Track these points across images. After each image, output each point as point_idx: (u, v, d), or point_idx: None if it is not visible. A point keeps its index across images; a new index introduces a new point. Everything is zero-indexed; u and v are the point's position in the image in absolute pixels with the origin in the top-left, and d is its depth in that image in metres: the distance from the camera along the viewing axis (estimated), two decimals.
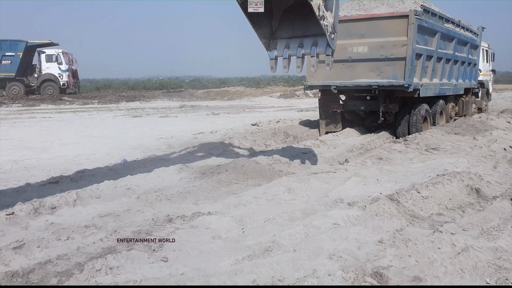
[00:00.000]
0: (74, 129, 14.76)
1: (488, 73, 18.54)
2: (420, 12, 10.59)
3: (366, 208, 5.16)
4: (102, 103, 28.56)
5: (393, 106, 11.33)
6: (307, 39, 6.65)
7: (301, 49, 6.67)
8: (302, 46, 6.68)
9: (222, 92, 37.98)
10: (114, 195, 6.14)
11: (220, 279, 3.53)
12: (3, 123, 16.88)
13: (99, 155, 9.70)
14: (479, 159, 8.52)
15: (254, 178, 6.96)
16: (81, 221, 5.04)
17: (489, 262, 3.71)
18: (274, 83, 48.22)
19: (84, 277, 3.60)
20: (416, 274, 3.55)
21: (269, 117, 17.21)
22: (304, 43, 6.66)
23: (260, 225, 4.92)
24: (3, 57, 31.97)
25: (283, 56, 6.76)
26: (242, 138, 11.70)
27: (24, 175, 7.74)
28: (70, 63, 34.12)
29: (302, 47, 6.67)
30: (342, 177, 7.16)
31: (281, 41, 6.84)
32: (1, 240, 4.46)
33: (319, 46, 6.56)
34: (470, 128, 12.02)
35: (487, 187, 6.11)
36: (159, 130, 13.97)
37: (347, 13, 11.23)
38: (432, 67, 11.81)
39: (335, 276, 3.51)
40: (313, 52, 6.62)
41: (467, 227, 4.73)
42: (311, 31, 6.57)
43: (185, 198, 6.01)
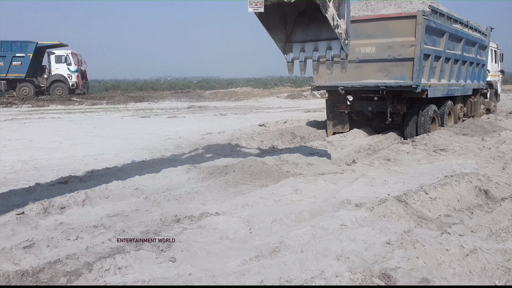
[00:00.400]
0: (83, 130, 14.86)
1: (497, 74, 18.43)
2: (428, 13, 10.55)
3: (374, 209, 5.16)
4: (111, 103, 28.72)
5: (401, 106, 11.29)
6: (322, 43, 6.95)
7: (316, 52, 6.97)
8: (317, 50, 6.97)
9: (229, 92, 38.04)
10: (122, 195, 6.18)
11: (227, 280, 3.54)
12: (13, 123, 17.03)
13: (107, 155, 9.76)
14: (488, 160, 8.48)
15: (262, 178, 6.97)
16: (90, 221, 5.08)
17: (498, 264, 3.69)
18: (281, 84, 48.20)
19: (93, 277, 3.63)
20: (424, 276, 3.54)
21: (276, 118, 17.22)
22: (319, 47, 6.96)
23: (267, 226, 4.93)
24: (13, 58, 32.29)
25: (300, 59, 7.08)
26: (249, 139, 11.72)
27: (34, 175, 7.81)
28: (79, 64, 34.38)
29: (317, 51, 6.97)
30: (350, 178, 7.15)
31: (296, 45, 7.12)
32: (11, 240, 4.51)
33: (333, 49, 6.86)
34: (479, 129, 11.95)
35: (495, 189, 6.07)
36: (167, 131, 14.03)
37: (355, 13, 11.20)
38: (440, 67, 11.77)
39: (343, 277, 3.51)
40: (328, 55, 6.91)
41: (476, 228, 4.71)
42: (324, 35, 6.88)
43: (193, 199, 6.03)
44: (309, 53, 7.03)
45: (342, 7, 6.79)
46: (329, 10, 6.42)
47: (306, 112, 20.59)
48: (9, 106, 26.06)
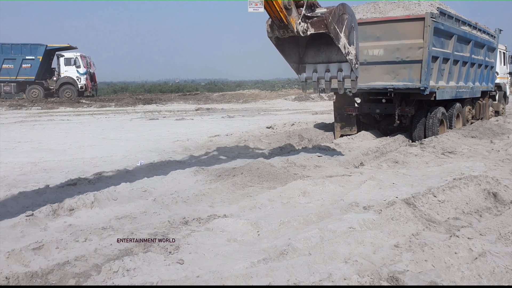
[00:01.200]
0: (92, 132, 14.95)
1: (506, 76, 18.32)
2: (437, 15, 10.51)
3: (382, 212, 5.14)
4: (119, 105, 28.86)
5: (409, 109, 11.25)
6: (333, 65, 7.46)
7: (328, 73, 7.49)
8: (329, 71, 7.49)
9: (237, 95, 38.08)
10: (131, 197, 6.21)
11: (235, 282, 3.55)
12: (22, 125, 17.17)
13: (116, 157, 9.81)
14: (496, 163, 8.42)
15: (269, 181, 6.98)
16: (99, 223, 5.12)
17: (507, 268, 3.67)
18: (288, 86, 48.18)
19: (101, 279, 3.66)
20: (433, 279, 3.53)
21: (283, 120, 17.22)
22: (331, 68, 7.48)
23: (275, 228, 4.93)
24: (23, 61, 32.62)
25: (313, 79, 7.62)
26: (257, 141, 11.72)
27: (43, 176, 7.87)
28: (88, 66, 34.61)
29: (329, 72, 7.49)
30: (358, 180, 7.14)
31: (309, 66, 7.64)
32: (21, 241, 4.55)
33: (344, 71, 7.37)
34: (487, 131, 11.88)
35: (504, 191, 6.03)
36: (175, 133, 14.08)
37: (363, 15, 11.20)
38: (449, 70, 11.71)
39: (351, 280, 3.51)
40: (340, 76, 7.42)
41: (484, 231, 4.68)
42: (335, 58, 7.39)
43: (200, 201, 6.05)
44: (321, 74, 7.53)
45: (351, 35, 7.21)
46: (341, 41, 6.95)
47: (314, 114, 20.57)
48: (18, 108, 26.27)
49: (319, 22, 6.69)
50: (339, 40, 6.88)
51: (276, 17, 6.58)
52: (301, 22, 6.70)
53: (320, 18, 6.68)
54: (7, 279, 3.61)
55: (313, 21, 6.74)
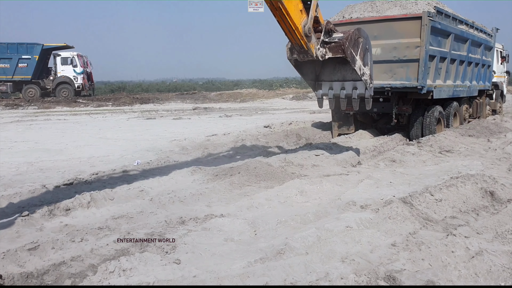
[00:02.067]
0: (89, 131, 14.92)
1: (503, 75, 18.35)
2: (434, 14, 10.51)
3: (379, 211, 5.14)
4: (116, 105, 28.82)
5: (406, 108, 11.25)
6: (348, 83, 7.78)
7: (344, 91, 7.81)
8: (344, 89, 7.81)
9: (235, 94, 38.07)
10: (127, 197, 6.19)
11: (232, 282, 3.53)
12: (19, 125, 17.12)
13: (113, 157, 9.78)
14: (494, 161, 8.43)
15: (267, 180, 6.97)
16: (95, 223, 5.10)
17: (503, 266, 3.67)
18: (286, 85, 48.20)
19: (97, 279, 3.64)
20: (430, 278, 3.52)
21: (281, 119, 17.22)
22: (346, 86, 7.80)
23: (272, 228, 4.93)
24: (19, 60, 32.53)
25: (329, 96, 7.96)
26: (254, 140, 11.71)
27: (39, 176, 7.84)
28: (85, 65, 34.56)
29: (344, 89, 7.81)
30: (355, 179, 7.13)
31: (325, 83, 7.97)
32: (16, 241, 4.53)
33: (359, 89, 7.69)
34: (484, 130, 11.90)
35: (501, 190, 6.04)
36: (172, 132, 14.06)
37: (360, 14, 11.19)
38: (446, 68, 11.71)
39: (348, 280, 3.50)
40: (355, 94, 7.76)
41: (481, 230, 4.68)
42: (350, 77, 7.70)
43: (197, 200, 6.03)
44: (337, 91, 7.87)
45: (366, 56, 7.55)
46: (357, 63, 7.31)
47: (312, 114, 20.57)
48: (15, 108, 26.20)
49: (337, 47, 7.08)
50: (355, 63, 7.26)
51: (297, 44, 6.96)
52: (320, 48, 7.09)
53: (338, 44, 7.05)
54: (2, 279, 3.58)
55: (331, 46, 7.13)
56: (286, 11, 6.47)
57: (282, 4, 6.36)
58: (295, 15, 6.62)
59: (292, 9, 6.55)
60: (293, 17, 6.59)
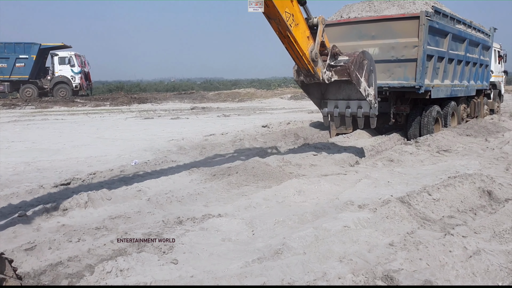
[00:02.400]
0: (86, 131, 14.89)
1: (500, 74, 18.37)
2: (431, 13, 10.51)
3: (377, 210, 5.13)
4: (114, 105, 28.75)
5: (404, 107, 11.26)
6: (353, 102, 8.06)
7: (349, 109, 8.14)
8: (349, 107, 8.12)
9: (233, 93, 38.03)
10: (125, 197, 6.18)
11: (229, 282, 3.53)
12: (16, 125, 17.07)
13: (110, 157, 9.76)
14: (491, 161, 8.44)
15: (264, 180, 6.96)
16: (92, 223, 5.09)
17: (501, 266, 3.67)
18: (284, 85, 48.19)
19: (94, 279, 3.63)
20: (427, 278, 3.52)
21: (279, 119, 17.20)
22: (351, 105, 8.11)
23: (270, 228, 4.92)
24: (17, 60, 32.43)
25: (334, 114, 8.29)
26: (252, 140, 11.71)
27: (37, 176, 7.82)
28: (83, 65, 34.49)
29: (349, 108, 8.13)
30: (353, 179, 7.13)
31: (330, 102, 8.27)
32: (13, 242, 4.51)
33: (364, 108, 8.00)
34: (482, 129, 11.91)
35: (499, 189, 6.04)
36: (170, 132, 14.03)
37: (358, 14, 11.19)
38: (443, 68, 11.72)
39: (345, 279, 3.50)
40: (359, 113, 8.09)
41: (479, 230, 4.68)
42: (355, 96, 7.95)
43: (195, 200, 6.02)
44: (342, 109, 8.18)
45: (370, 77, 7.84)
46: (361, 85, 7.61)
47: (310, 113, 20.55)
48: (12, 107, 26.13)
49: (342, 71, 7.36)
50: (360, 85, 7.55)
51: (304, 68, 7.27)
52: (326, 71, 7.39)
53: (343, 67, 7.33)
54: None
55: (337, 69, 7.41)
56: (294, 39, 6.73)
57: (290, 33, 6.62)
58: (302, 42, 6.89)
59: (299, 36, 6.82)
60: (301, 44, 6.86)
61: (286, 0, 6.45)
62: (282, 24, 6.53)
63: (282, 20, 6.43)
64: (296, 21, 6.70)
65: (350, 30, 11.01)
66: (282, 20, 6.43)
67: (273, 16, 6.44)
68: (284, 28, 6.60)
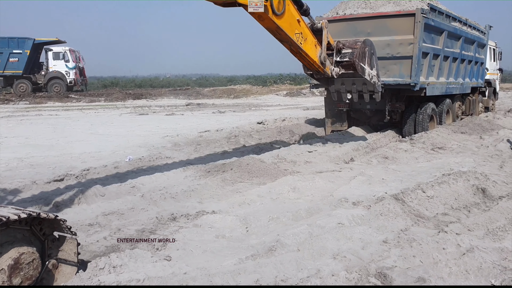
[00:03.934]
0: (80, 127, 14.82)
1: (495, 72, 18.41)
2: (427, 11, 10.51)
3: (371, 207, 5.14)
4: (109, 100, 28.64)
5: (399, 105, 11.27)
6: (358, 79, 8.46)
7: (355, 86, 8.65)
8: (355, 84, 8.61)
9: (228, 90, 37.99)
10: (118, 193, 6.15)
11: (223, 279, 3.52)
12: (10, 120, 16.97)
13: (104, 153, 9.72)
14: (486, 158, 8.46)
15: (259, 176, 6.94)
16: (85, 219, 5.05)
17: (494, 263, 3.67)
18: (280, 82, 48.18)
19: (87, 276, 3.60)
20: (421, 275, 3.52)
21: (275, 116, 17.20)
22: (356, 82, 8.57)
23: (264, 224, 4.91)
24: (10, 55, 32.14)
25: (341, 91, 8.82)
26: (247, 137, 11.70)
27: (30, 172, 7.77)
28: (77, 60, 34.28)
29: (355, 85, 8.62)
30: (347, 176, 7.13)
31: (337, 80, 8.59)
32: None
33: (368, 85, 8.54)
34: (477, 127, 11.93)
35: (493, 187, 6.06)
36: (165, 128, 14.00)
37: (353, 11, 11.17)
38: (439, 65, 11.73)
39: (339, 277, 3.49)
40: (365, 89, 8.62)
41: (473, 227, 4.69)
42: (359, 75, 8.26)
43: (189, 197, 6.00)
44: (348, 87, 8.72)
45: (372, 60, 8.34)
46: (366, 72, 8.14)
47: (305, 110, 20.56)
48: (6, 103, 25.97)
49: (348, 65, 7.96)
50: (364, 73, 8.11)
51: (314, 69, 7.89)
52: (334, 68, 7.99)
53: (349, 63, 7.91)
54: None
55: (343, 64, 8.02)
56: (305, 53, 7.28)
57: (301, 50, 7.16)
58: (312, 53, 7.44)
59: (309, 49, 7.34)
60: (311, 55, 7.42)
61: (294, 23, 6.87)
62: (294, 45, 7.03)
63: (293, 42, 6.92)
64: (305, 37, 7.19)
65: (345, 26, 10.99)
66: (293, 42, 6.92)
67: (285, 39, 6.89)
68: (295, 47, 7.11)
